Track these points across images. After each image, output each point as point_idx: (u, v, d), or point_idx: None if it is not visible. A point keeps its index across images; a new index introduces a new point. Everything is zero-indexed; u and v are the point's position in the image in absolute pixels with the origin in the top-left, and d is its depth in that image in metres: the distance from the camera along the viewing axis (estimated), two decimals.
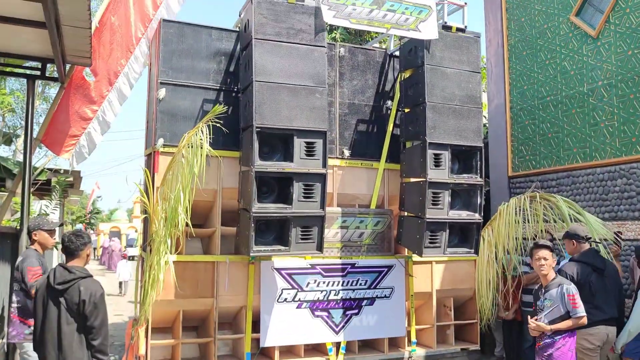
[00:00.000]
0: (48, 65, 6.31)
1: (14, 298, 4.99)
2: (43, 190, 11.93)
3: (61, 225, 5.48)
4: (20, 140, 16.07)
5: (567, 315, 4.50)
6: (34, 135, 6.39)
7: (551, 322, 4.53)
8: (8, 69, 8.19)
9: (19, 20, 4.97)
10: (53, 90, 19.35)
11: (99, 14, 6.34)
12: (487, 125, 9.11)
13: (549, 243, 4.73)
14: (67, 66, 6.24)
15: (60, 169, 12.11)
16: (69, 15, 4.84)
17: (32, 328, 4.46)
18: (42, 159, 14.79)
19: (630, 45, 6.53)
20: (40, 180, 10.51)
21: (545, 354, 4.54)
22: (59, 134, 6.42)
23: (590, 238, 5.28)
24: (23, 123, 17.55)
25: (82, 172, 12.67)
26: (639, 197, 6.41)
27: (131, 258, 19.90)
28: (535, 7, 7.89)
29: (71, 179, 11.46)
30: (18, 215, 12.76)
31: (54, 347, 3.78)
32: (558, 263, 5.62)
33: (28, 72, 6.65)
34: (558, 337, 4.50)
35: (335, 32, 12.77)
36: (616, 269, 5.35)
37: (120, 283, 15.84)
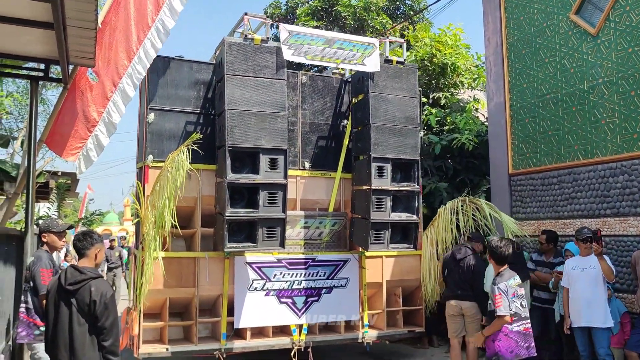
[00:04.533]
0: (51, 66, 6.28)
1: (24, 298, 5.02)
2: (40, 192, 12.18)
3: (70, 227, 6.01)
4: (18, 143, 16.05)
5: (493, 313, 4.94)
6: (37, 137, 6.38)
7: (489, 312, 5.10)
8: (7, 70, 8.17)
9: (22, 21, 4.89)
10: (50, 92, 19.63)
11: (102, 13, 6.17)
12: (486, 123, 9.52)
13: (491, 239, 5.34)
14: (70, 67, 6.14)
15: (58, 172, 12.67)
16: (76, 16, 4.80)
17: (42, 329, 4.66)
18: (40, 161, 15.45)
19: (630, 43, 6.66)
20: (38, 182, 10.71)
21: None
22: (63, 136, 6.36)
23: (471, 239, 7.12)
24: (20, 125, 17.70)
25: (77, 174, 12.71)
26: None
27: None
28: (534, 5, 8.01)
29: (69, 181, 11.99)
30: (16, 217, 13.46)
31: (65, 349, 3.77)
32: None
33: (31, 73, 6.69)
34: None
35: None
36: (477, 264, 6.87)
37: None
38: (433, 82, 11.59)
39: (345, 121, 7.81)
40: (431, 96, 11.37)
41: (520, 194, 8.14)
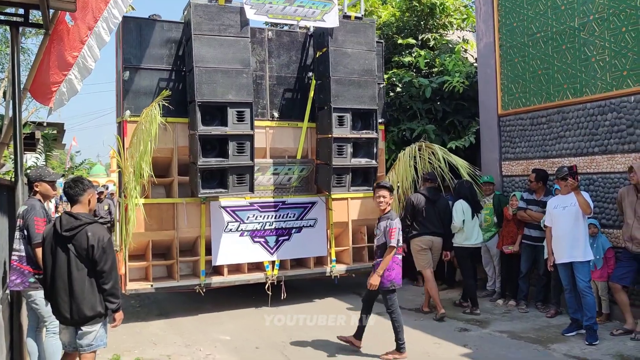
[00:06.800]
0: (30, 11, 5.90)
1: (17, 247, 4.88)
2: (26, 144, 12.28)
3: (62, 176, 6.08)
4: (0, 93, 15.79)
5: (385, 245, 5.64)
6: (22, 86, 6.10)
7: (378, 248, 5.75)
8: None
9: None
10: (30, 40, 19.21)
11: None
12: (476, 64, 9.49)
13: (388, 185, 5.96)
14: (51, 12, 5.84)
15: (43, 122, 12.71)
16: None
17: (37, 277, 4.66)
18: (24, 112, 15.20)
19: None
20: (25, 133, 10.34)
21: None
22: (45, 84, 6.20)
23: (429, 180, 7.56)
24: (1, 76, 17.34)
25: (64, 125, 11.94)
26: (629, 131, 6.53)
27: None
28: None
29: (55, 131, 12.16)
30: (4, 169, 13.75)
31: (66, 294, 3.81)
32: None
33: (10, 18, 6.31)
34: (378, 260, 5.74)
35: None
36: (447, 203, 7.48)
37: None
38: (422, 23, 11.50)
39: (310, 74, 8.34)
40: (420, 37, 11.33)
41: (510, 135, 8.25)
